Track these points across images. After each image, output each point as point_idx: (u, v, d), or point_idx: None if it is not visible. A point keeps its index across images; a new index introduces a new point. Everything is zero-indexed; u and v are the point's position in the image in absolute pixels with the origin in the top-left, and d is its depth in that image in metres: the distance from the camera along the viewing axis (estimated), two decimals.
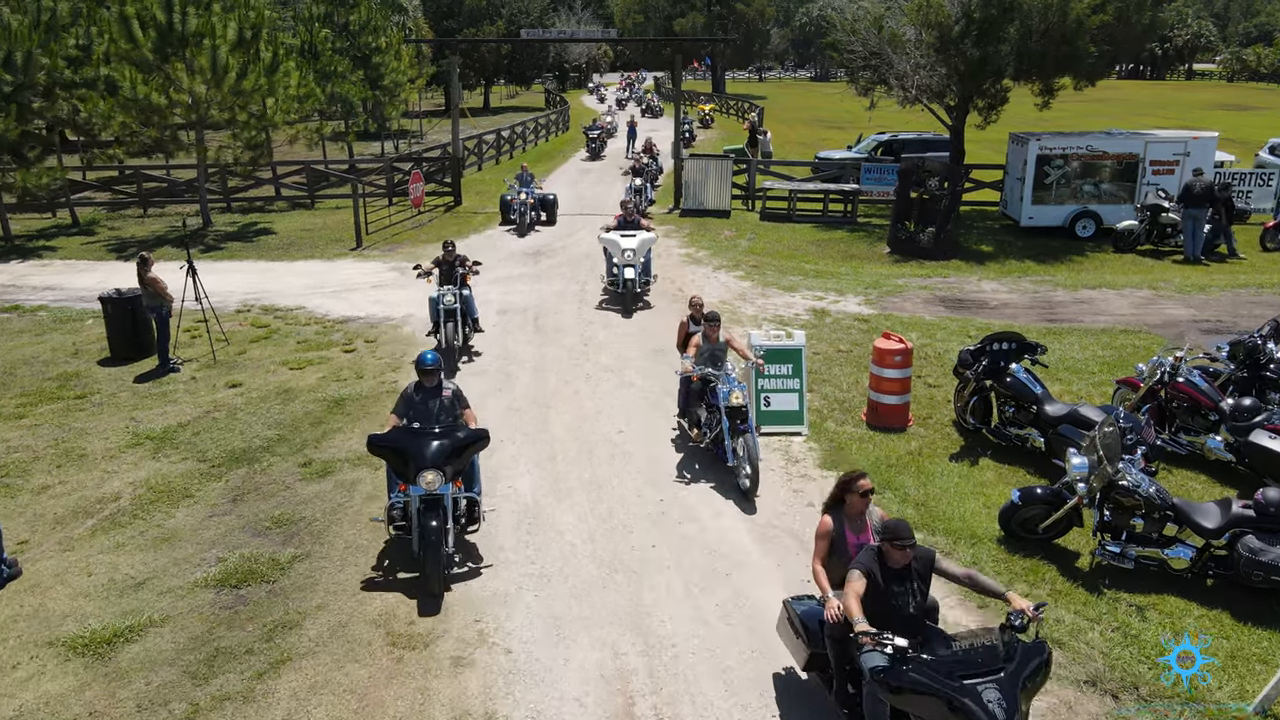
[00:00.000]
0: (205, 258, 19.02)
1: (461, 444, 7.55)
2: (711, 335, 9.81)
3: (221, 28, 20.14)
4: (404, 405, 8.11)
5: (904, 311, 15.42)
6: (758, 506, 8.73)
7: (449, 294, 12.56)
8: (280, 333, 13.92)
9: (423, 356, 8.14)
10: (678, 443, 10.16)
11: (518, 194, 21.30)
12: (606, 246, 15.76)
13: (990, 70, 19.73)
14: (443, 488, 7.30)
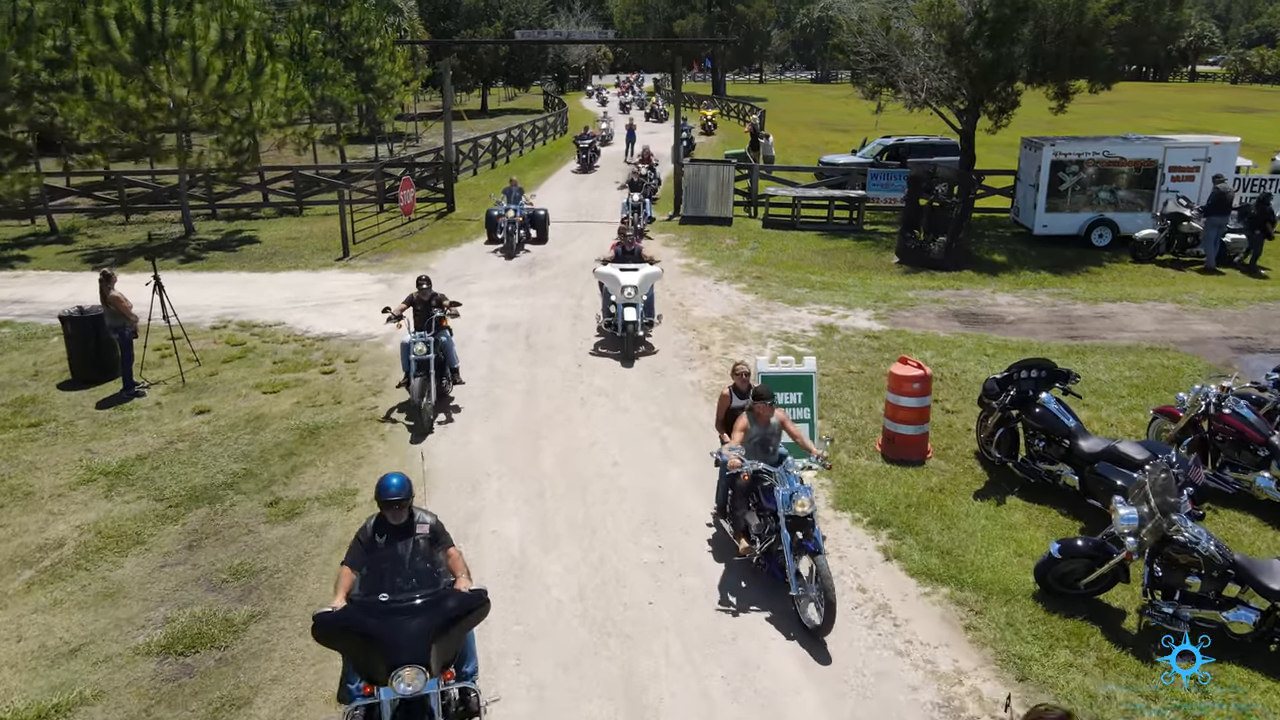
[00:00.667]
0: (185, 268, 18.23)
1: (451, 617, 5.30)
2: (762, 417, 7.71)
3: (203, 28, 19.36)
4: (362, 554, 5.76)
5: (916, 327, 14.62)
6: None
7: (421, 341, 10.58)
8: (256, 352, 13.12)
9: (384, 483, 5.74)
10: (677, 479, 9.36)
11: (504, 210, 19.47)
12: (603, 282, 13.64)
13: (1003, 72, 18.95)
14: (429, 685, 5.10)
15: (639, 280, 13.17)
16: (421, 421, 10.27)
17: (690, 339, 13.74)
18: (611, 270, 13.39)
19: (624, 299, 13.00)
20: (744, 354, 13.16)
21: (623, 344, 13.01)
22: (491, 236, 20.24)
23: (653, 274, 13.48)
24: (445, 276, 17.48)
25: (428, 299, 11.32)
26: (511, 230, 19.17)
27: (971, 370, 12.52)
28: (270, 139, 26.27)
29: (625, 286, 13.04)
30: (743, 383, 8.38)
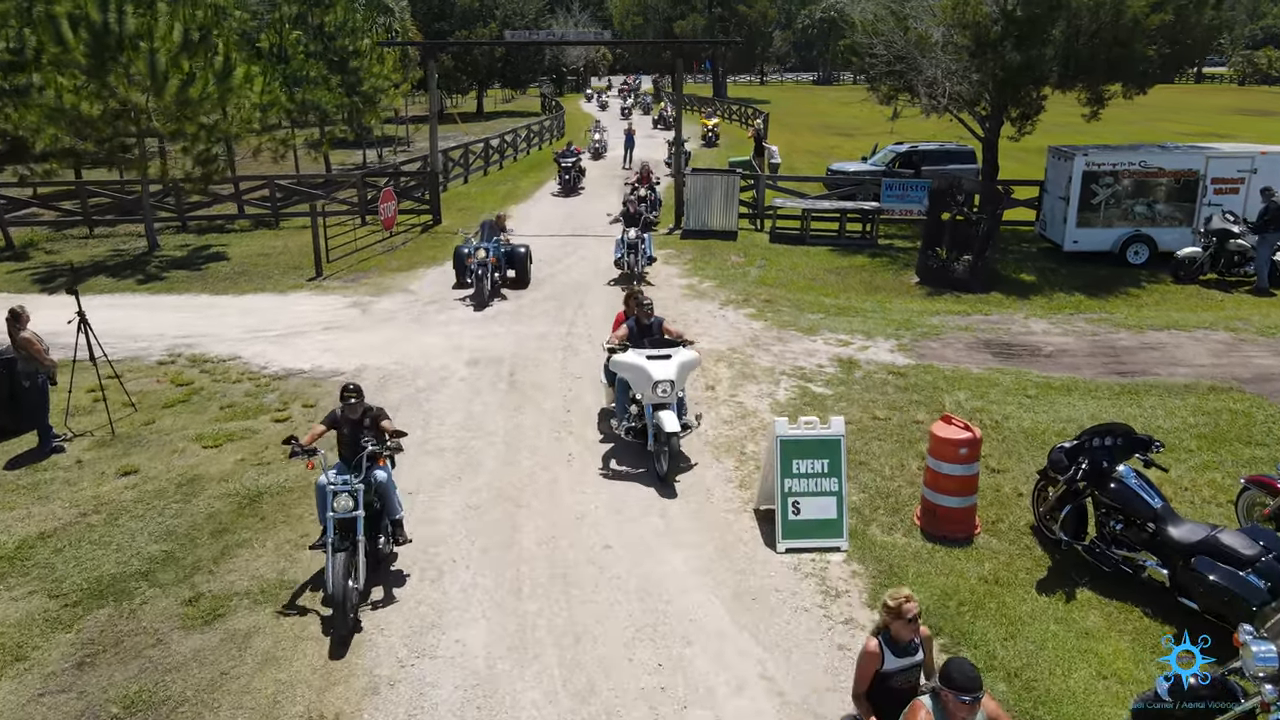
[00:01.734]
0: (142, 289, 16.71)
1: None
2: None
3: (165, 29, 17.86)
4: None
5: (945, 360, 13.12)
6: (792, 682, 6.40)
7: (345, 493, 7.05)
8: (204, 394, 11.60)
9: None
10: (679, 568, 7.85)
11: (475, 249, 15.82)
12: (622, 375, 9.77)
13: (1032, 76, 17.48)
14: None
15: (675, 372, 9.40)
16: (342, 621, 6.65)
17: (693, 379, 12.22)
18: (634, 360, 9.49)
19: (656, 398, 9.29)
20: (755, 395, 11.67)
21: (655, 460, 9.34)
22: (460, 279, 16.61)
23: (691, 362, 9.81)
24: (426, 299, 15.99)
25: (357, 418, 7.63)
26: (482, 275, 15.49)
27: (1014, 416, 11.02)
28: (246, 146, 24.79)
29: (659, 382, 9.25)
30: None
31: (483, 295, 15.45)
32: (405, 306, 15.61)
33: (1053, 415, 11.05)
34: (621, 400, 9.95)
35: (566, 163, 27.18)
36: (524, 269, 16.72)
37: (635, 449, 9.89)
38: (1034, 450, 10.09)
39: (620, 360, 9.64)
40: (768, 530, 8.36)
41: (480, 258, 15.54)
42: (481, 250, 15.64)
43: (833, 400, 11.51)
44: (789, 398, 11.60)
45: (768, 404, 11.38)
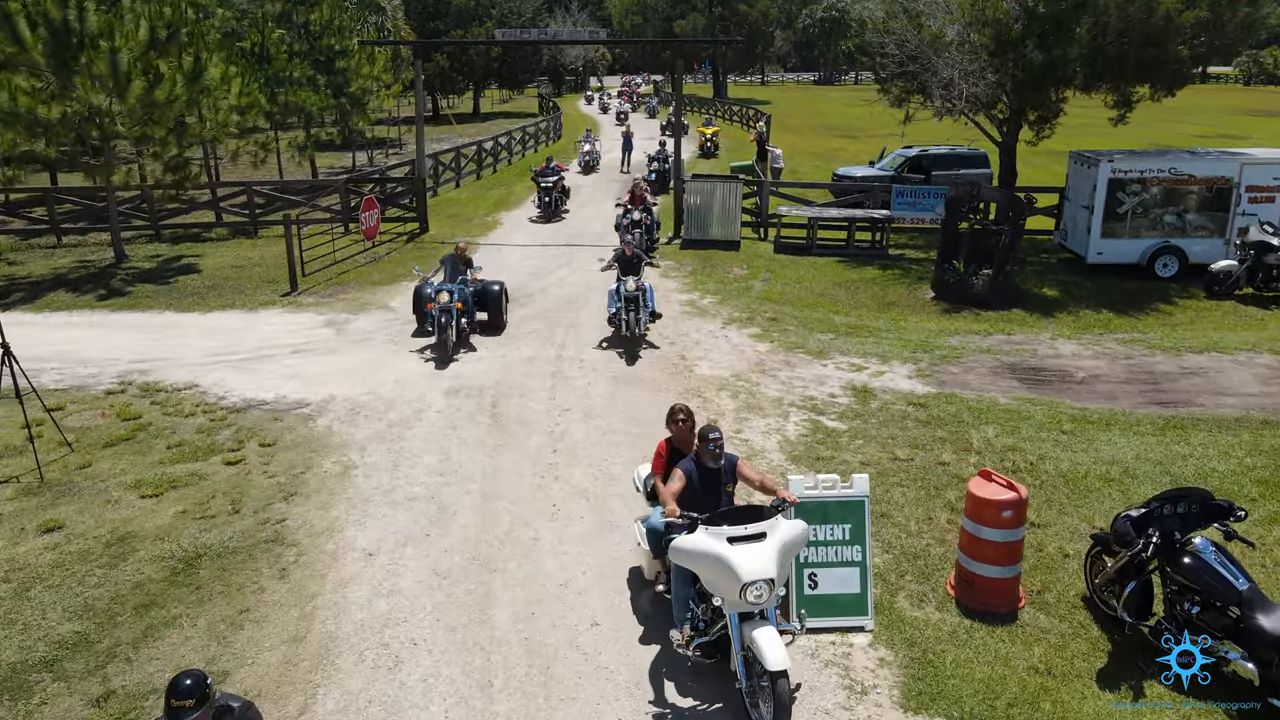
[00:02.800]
0: (103, 306, 15.59)
1: None
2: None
3: (131, 27, 16.75)
4: None
5: (968, 388, 12.00)
6: None
7: None
8: (151, 429, 10.47)
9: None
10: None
11: (436, 292, 13.06)
12: (684, 564, 6.15)
13: (1055, 77, 16.37)
14: None
15: (776, 565, 5.79)
16: None
17: (695, 409, 11.08)
18: (709, 547, 5.84)
19: (747, 605, 5.73)
20: (762, 430, 10.55)
21: (748, 705, 5.87)
22: (420, 326, 13.92)
23: (795, 541, 6.04)
24: (406, 317, 14.86)
25: None
26: (446, 323, 12.80)
27: (1050, 456, 9.90)
28: (225, 150, 23.66)
29: (753, 584, 5.64)
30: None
31: (446, 348, 12.79)
32: (383, 325, 14.49)
33: (1093, 456, 9.94)
34: (682, 591, 6.41)
35: (546, 182, 23.09)
36: (498, 311, 14.10)
37: (631, 494, 8.76)
38: (1076, 499, 8.98)
39: (685, 547, 5.97)
40: None
41: (443, 302, 12.79)
42: (444, 293, 12.88)
43: (848, 437, 10.39)
44: (799, 434, 10.48)
45: (776, 441, 10.27)
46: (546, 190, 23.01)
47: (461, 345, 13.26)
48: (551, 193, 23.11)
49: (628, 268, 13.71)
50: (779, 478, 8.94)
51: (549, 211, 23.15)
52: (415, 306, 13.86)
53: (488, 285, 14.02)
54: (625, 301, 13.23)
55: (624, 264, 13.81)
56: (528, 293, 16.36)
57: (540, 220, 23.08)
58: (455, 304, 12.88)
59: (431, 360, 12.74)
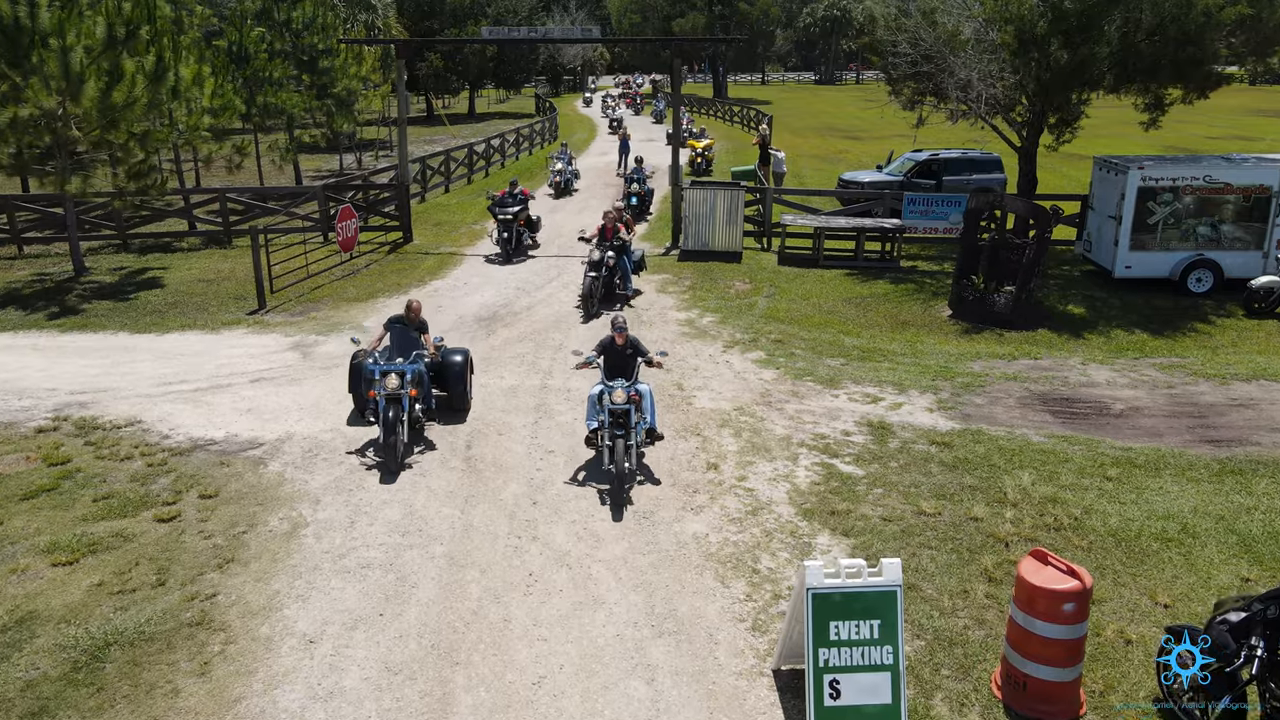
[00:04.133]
0: (51, 326, 14.40)
1: None
2: None
3: (87, 25, 15.55)
4: None
5: (996, 423, 10.83)
6: None
7: None
8: (79, 477, 9.28)
9: None
10: None
11: (383, 373, 9.54)
12: None
13: (1082, 78, 15.19)
14: None
15: None
16: None
17: (693, 451, 9.92)
18: None
19: None
20: (769, 477, 9.37)
21: None
22: (360, 410, 10.39)
23: None
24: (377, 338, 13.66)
25: None
26: (395, 419, 9.30)
27: (1096, 510, 8.73)
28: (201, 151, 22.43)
29: None
30: None
31: (395, 452, 9.26)
32: (354, 350, 13.28)
33: (1145, 509, 8.76)
34: None
35: (505, 214, 18.43)
36: (461, 388, 10.61)
37: (617, 559, 7.58)
38: (1132, 565, 7.80)
39: None
40: (794, 705, 6.08)
41: (390, 388, 9.28)
42: (392, 376, 9.38)
43: (865, 485, 9.21)
44: (811, 481, 9.30)
45: (785, 491, 9.09)
46: (505, 224, 18.42)
47: (416, 442, 9.96)
48: (512, 226, 18.48)
49: (616, 366, 9.45)
50: (791, 558, 7.78)
51: (509, 250, 18.50)
52: (351, 385, 10.43)
53: (448, 356, 10.57)
54: (610, 418, 8.85)
55: (611, 360, 9.50)
56: (513, 311, 15.17)
57: (499, 260, 18.44)
58: (408, 389, 9.41)
59: (370, 460, 9.53)
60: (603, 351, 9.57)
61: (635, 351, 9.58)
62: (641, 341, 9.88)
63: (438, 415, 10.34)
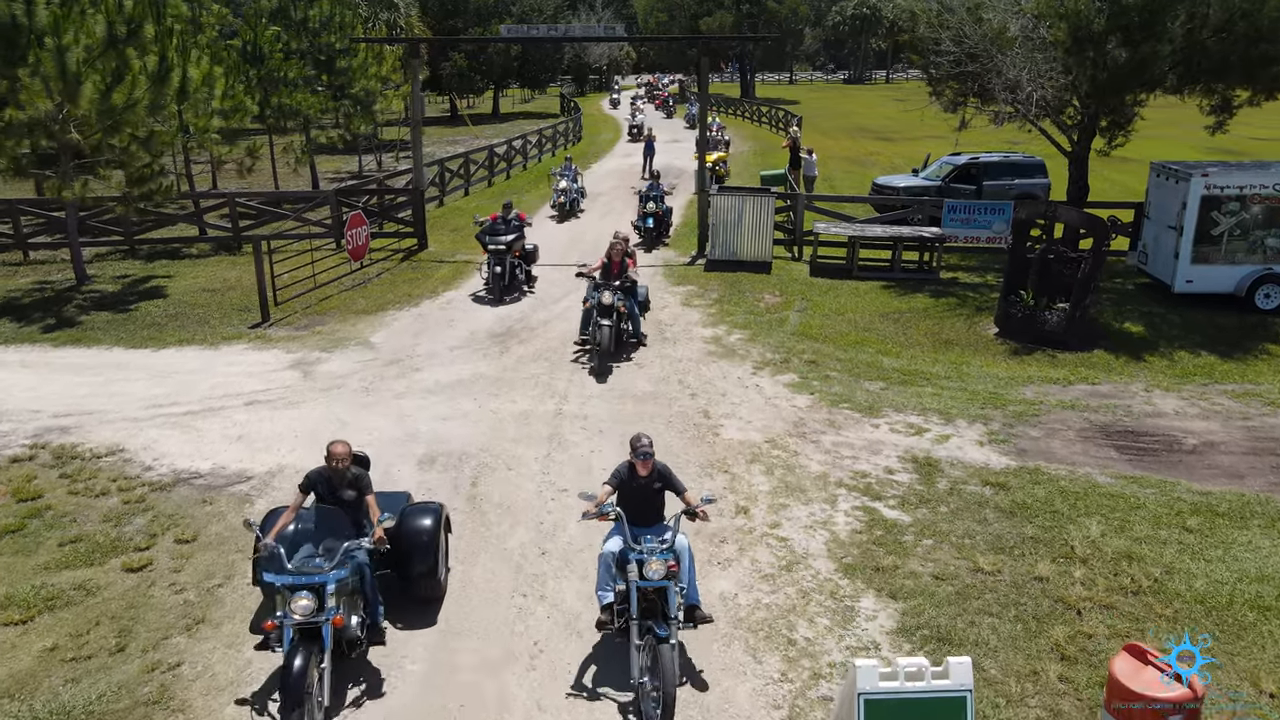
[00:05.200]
0: (45, 339, 13.71)
1: None
2: None
3: (88, 24, 14.86)
4: None
5: (1055, 460, 9.80)
6: None
7: None
8: (49, 516, 8.50)
9: None
10: None
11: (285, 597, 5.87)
12: None
13: (1142, 78, 14.07)
14: None
15: None
16: None
17: (720, 491, 8.97)
18: None
19: None
20: (804, 524, 8.41)
21: None
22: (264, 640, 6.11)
23: None
24: (387, 358, 12.87)
25: None
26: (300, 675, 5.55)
27: (1178, 569, 7.70)
28: (213, 154, 21.78)
29: None
30: None
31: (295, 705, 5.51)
32: (359, 368, 12.47)
33: (1235, 569, 7.72)
34: None
35: (496, 244, 15.29)
36: (427, 567, 6.93)
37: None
38: (1227, 641, 6.78)
39: None
40: None
41: (301, 614, 5.81)
42: (304, 597, 5.82)
43: (913, 535, 8.23)
44: (852, 529, 8.33)
45: (823, 541, 8.13)
46: (497, 255, 15.31)
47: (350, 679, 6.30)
48: (505, 259, 15.30)
49: (638, 506, 6.61)
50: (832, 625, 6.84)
51: (500, 287, 15.34)
52: (255, 578, 6.80)
53: (409, 524, 6.91)
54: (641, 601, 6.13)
55: (631, 498, 6.62)
56: (529, 326, 14.30)
57: (488, 299, 15.39)
58: (330, 616, 5.83)
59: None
60: (619, 484, 6.63)
61: (666, 485, 6.68)
62: (673, 470, 6.86)
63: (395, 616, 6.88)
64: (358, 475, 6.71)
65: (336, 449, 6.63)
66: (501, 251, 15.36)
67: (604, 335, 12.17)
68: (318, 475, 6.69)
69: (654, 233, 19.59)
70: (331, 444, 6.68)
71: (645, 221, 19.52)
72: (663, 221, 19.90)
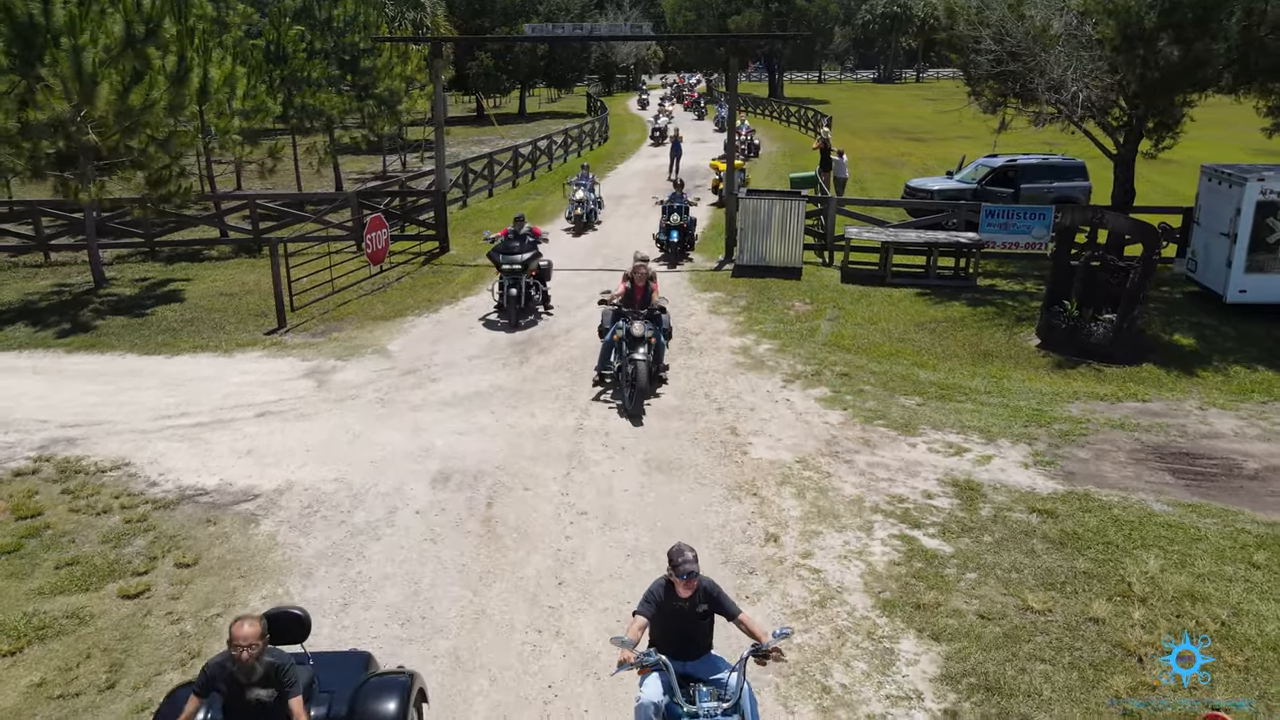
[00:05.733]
0: (59, 345, 13.45)
1: None
2: None
3: (106, 23, 14.62)
4: None
5: (1106, 485, 9.20)
6: None
7: None
8: (47, 536, 8.17)
9: None
10: None
11: None
12: None
13: (1195, 78, 13.37)
14: None
15: None
16: None
17: (748, 516, 8.48)
18: None
19: None
20: (838, 554, 7.89)
21: None
22: None
23: None
24: (404, 367, 12.49)
25: None
26: None
27: (1247, 609, 7.09)
28: (236, 155, 21.56)
29: None
30: None
31: None
32: (374, 377, 12.09)
33: None
34: None
35: (511, 264, 13.97)
36: None
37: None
38: None
39: None
40: None
41: None
42: None
43: (956, 568, 7.69)
44: (889, 560, 7.81)
45: (859, 573, 7.61)
46: (512, 276, 13.95)
47: None
48: (520, 279, 13.93)
49: (679, 636, 5.33)
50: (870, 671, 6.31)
51: (515, 311, 13.96)
52: None
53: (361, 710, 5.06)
54: None
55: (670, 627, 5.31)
56: (550, 334, 13.86)
57: (503, 325, 14.01)
58: None
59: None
60: (654, 613, 5.22)
61: (714, 609, 5.29)
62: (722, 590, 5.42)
63: None
64: (278, 668, 4.75)
65: (241, 631, 4.66)
66: (517, 272, 14.01)
67: (641, 372, 10.58)
68: (217, 669, 4.79)
69: (678, 247, 18.07)
70: (235, 623, 4.72)
71: (669, 235, 18.05)
72: (687, 234, 18.31)
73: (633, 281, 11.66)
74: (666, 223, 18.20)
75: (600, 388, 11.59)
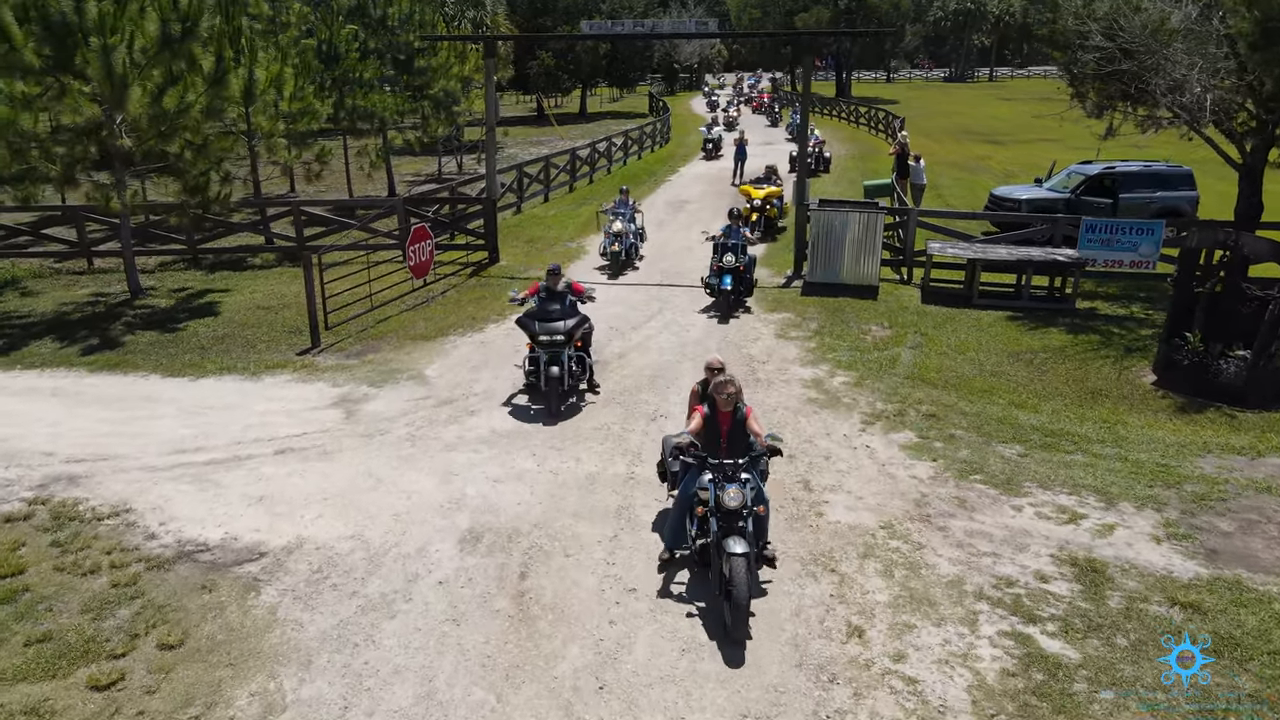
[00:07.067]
0: (81, 364, 12.68)
1: None
2: None
3: (143, 22, 13.87)
4: None
5: (1259, 567, 7.64)
6: None
7: None
8: (25, 601, 7.20)
9: None
10: None
11: None
12: None
13: None
14: None
15: None
16: None
17: (826, 600, 7.14)
18: None
19: None
20: (936, 656, 6.52)
21: None
22: None
23: None
24: (441, 396, 11.41)
25: None
26: None
27: None
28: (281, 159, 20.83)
29: None
30: None
31: None
32: (408, 408, 11.01)
33: None
34: None
35: (552, 334, 10.72)
36: None
37: None
38: None
39: None
40: None
41: None
42: None
43: (1085, 681, 6.24)
44: (1001, 669, 6.40)
45: (965, 686, 6.22)
46: (552, 352, 10.69)
47: None
48: (562, 355, 10.68)
49: None
50: None
51: (556, 396, 10.65)
52: None
53: None
54: None
55: None
56: (602, 359, 12.65)
57: (534, 410, 10.82)
58: None
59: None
60: None
61: None
62: None
63: None
64: None
65: None
66: (559, 345, 10.64)
67: (739, 578, 6.47)
68: None
69: (731, 295, 14.38)
70: None
71: (721, 280, 14.32)
72: (743, 279, 14.65)
73: (713, 404, 7.22)
74: (718, 264, 14.53)
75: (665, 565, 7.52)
